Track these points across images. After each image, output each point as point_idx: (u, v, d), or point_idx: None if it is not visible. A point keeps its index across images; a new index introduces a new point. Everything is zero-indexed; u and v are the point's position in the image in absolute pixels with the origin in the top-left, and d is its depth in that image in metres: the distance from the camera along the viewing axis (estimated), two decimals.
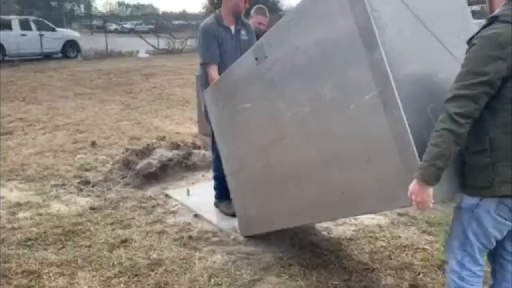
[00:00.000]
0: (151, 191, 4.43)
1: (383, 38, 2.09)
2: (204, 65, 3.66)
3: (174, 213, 3.92)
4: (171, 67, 14.95)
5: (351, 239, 3.48)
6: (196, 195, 4.23)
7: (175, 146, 5.12)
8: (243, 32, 3.79)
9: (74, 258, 3.17)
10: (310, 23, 2.45)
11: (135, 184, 4.55)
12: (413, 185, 1.93)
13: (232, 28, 3.72)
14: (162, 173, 4.76)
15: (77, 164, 5.21)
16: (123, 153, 5.17)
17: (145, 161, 4.79)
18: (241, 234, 3.40)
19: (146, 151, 4.99)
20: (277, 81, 2.74)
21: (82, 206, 4.09)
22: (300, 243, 3.37)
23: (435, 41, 2.27)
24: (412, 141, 2.01)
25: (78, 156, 5.57)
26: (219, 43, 3.62)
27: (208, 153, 5.17)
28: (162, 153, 4.91)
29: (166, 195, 4.27)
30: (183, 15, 45.52)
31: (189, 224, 3.68)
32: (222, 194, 3.83)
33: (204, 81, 3.74)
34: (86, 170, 5.04)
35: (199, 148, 5.31)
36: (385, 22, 2.12)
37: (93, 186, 4.56)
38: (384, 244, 3.40)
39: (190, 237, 3.44)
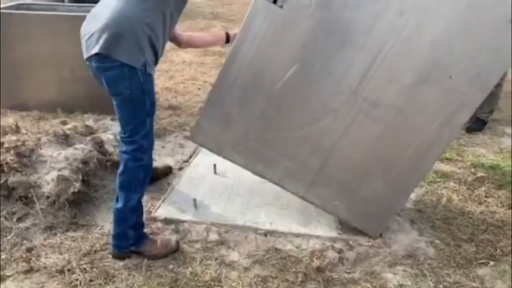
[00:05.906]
0: (105, 221, 2.57)
1: None
2: None
3: (222, 244, 2.41)
4: None
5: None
6: (198, 203, 2.72)
7: (60, 138, 3.01)
8: None
9: None
10: None
11: (67, 221, 2.54)
12: None
13: None
14: (89, 188, 2.82)
15: None
16: None
17: (46, 177, 2.68)
18: (373, 235, 2.45)
19: (25, 160, 2.78)
20: None
21: None
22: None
23: None
24: None
25: None
26: None
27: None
28: (65, 155, 2.83)
29: (165, 220, 2.55)
30: None
31: (279, 251, 2.36)
32: (141, 232, 2.31)
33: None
34: None
35: (93, 132, 3.32)
36: None
37: None
38: (460, 197, 3.04)
39: (320, 269, 2.23)
